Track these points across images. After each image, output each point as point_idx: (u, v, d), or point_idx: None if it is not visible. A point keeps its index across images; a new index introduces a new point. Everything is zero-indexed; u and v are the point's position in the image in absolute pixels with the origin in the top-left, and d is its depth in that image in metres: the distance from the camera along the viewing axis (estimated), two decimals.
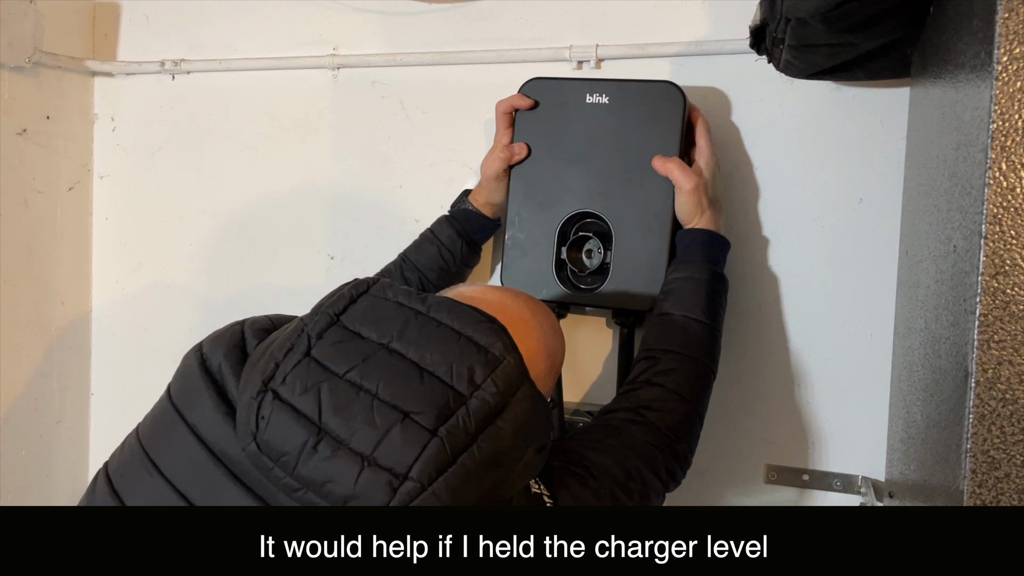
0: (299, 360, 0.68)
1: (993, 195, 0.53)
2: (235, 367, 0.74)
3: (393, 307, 0.72)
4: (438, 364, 0.67)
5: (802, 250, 1.09)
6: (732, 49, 1.09)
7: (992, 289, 0.54)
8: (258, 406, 0.67)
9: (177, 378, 0.78)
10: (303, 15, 1.31)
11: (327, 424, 0.65)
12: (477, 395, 0.66)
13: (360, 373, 0.67)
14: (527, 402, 0.68)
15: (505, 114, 1.09)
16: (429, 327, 0.69)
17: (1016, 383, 0.54)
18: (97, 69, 1.40)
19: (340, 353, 0.68)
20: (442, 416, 0.65)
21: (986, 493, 0.54)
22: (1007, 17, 0.54)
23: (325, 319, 0.71)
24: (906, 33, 0.88)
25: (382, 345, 0.69)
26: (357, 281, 0.75)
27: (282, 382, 0.67)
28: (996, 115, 0.53)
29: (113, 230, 1.43)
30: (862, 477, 1.07)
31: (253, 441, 0.67)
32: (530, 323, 0.80)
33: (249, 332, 0.78)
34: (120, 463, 0.78)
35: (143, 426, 0.79)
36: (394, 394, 0.66)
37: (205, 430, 0.73)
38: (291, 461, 0.65)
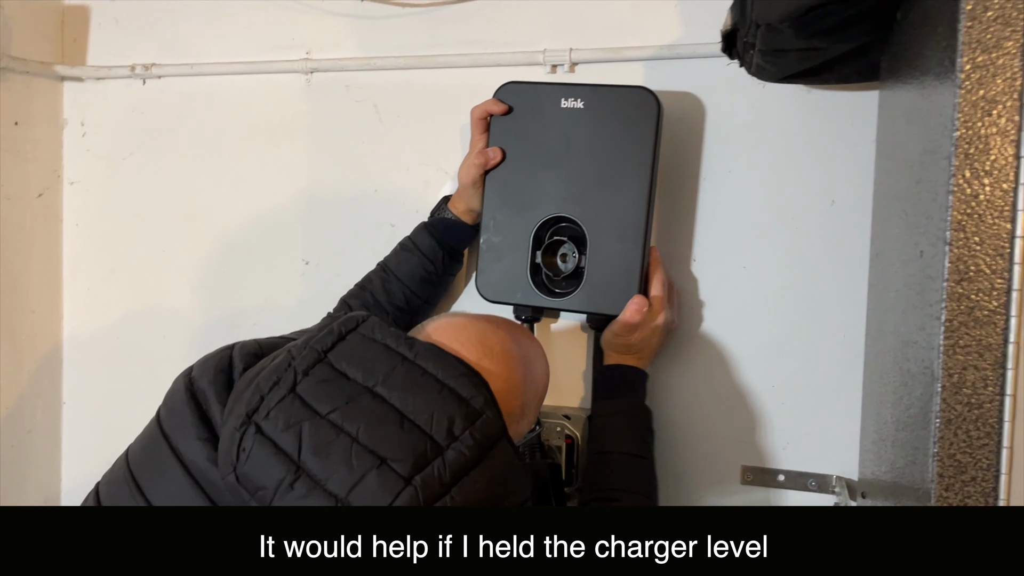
0: (284, 396, 0.70)
1: (957, 202, 0.54)
2: (219, 392, 0.75)
3: (381, 349, 0.73)
4: (419, 412, 0.68)
5: (775, 251, 1.10)
6: (705, 53, 1.09)
7: (957, 295, 0.54)
8: (240, 438, 0.68)
9: (166, 401, 0.80)
10: (276, 19, 1.30)
11: (305, 463, 0.66)
12: (454, 447, 0.67)
13: (342, 415, 0.68)
14: (504, 457, 0.70)
15: (480, 119, 1.09)
16: (414, 374, 0.71)
17: (981, 387, 0.54)
18: (66, 74, 1.38)
19: (324, 392, 0.70)
20: (418, 465, 0.66)
21: (953, 496, 0.55)
22: (970, 26, 0.54)
23: (312, 355, 0.72)
24: (875, 38, 0.89)
25: (367, 388, 0.70)
26: (347, 317, 0.76)
27: (265, 416, 0.69)
28: (960, 123, 0.54)
29: (84, 236, 1.41)
30: (836, 477, 1.07)
31: (233, 472, 0.68)
32: (513, 353, 0.81)
33: (237, 357, 0.79)
34: (111, 484, 0.79)
35: (133, 448, 0.80)
36: (373, 439, 0.67)
37: (187, 456, 0.74)
38: (268, 496, 0.66)
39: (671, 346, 1.13)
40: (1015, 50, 0.53)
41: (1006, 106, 0.54)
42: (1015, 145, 0.53)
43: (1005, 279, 0.54)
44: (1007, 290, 0.54)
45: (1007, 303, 0.54)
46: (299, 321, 1.14)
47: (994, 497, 0.54)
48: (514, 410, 0.79)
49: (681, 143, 1.12)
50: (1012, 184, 0.53)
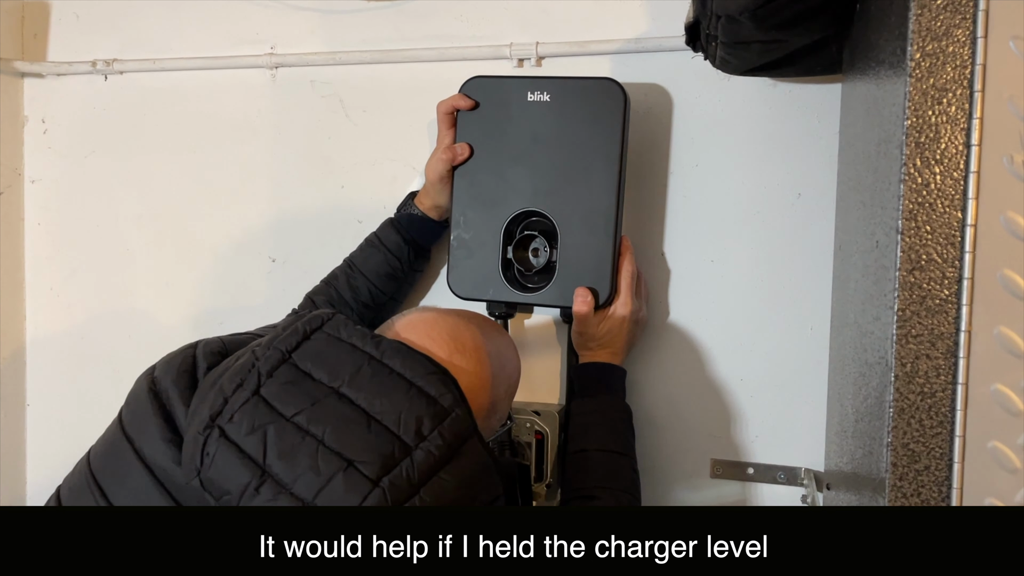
0: (248, 398, 0.68)
1: (908, 191, 0.54)
2: (183, 393, 0.74)
3: (347, 349, 0.71)
4: (387, 413, 0.67)
5: (742, 245, 1.10)
6: (671, 46, 1.09)
7: (909, 284, 0.54)
8: (204, 442, 0.67)
9: (128, 403, 0.78)
10: (239, 13, 1.28)
11: (271, 467, 0.65)
12: (423, 446, 0.66)
13: (308, 417, 0.67)
14: (473, 455, 0.69)
15: (446, 114, 1.08)
16: (381, 374, 0.69)
17: (934, 376, 0.54)
18: (26, 70, 1.35)
19: (289, 394, 0.68)
20: (386, 466, 0.65)
21: (907, 486, 0.55)
22: (919, 14, 0.54)
23: (276, 356, 0.71)
24: (835, 30, 0.89)
25: (332, 389, 0.69)
26: (312, 315, 0.75)
27: (229, 419, 0.67)
28: (910, 111, 0.54)
29: (46, 236, 1.38)
30: (804, 469, 1.08)
31: (197, 476, 0.67)
32: (484, 348, 0.80)
33: (201, 356, 0.78)
34: (72, 488, 0.78)
35: (94, 451, 0.79)
36: (340, 441, 0.66)
37: (150, 457, 0.73)
38: (233, 501, 0.66)
39: (639, 340, 1.13)
40: (964, 38, 0.53)
41: (956, 94, 0.54)
42: (965, 133, 0.53)
43: (956, 268, 0.54)
44: (958, 279, 0.54)
45: (958, 292, 0.54)
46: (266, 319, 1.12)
47: (947, 486, 0.54)
48: (484, 406, 0.79)
49: (648, 136, 1.12)
50: (962, 172, 0.53)
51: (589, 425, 1.03)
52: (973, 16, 0.53)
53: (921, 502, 0.55)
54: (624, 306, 1.04)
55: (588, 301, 1.02)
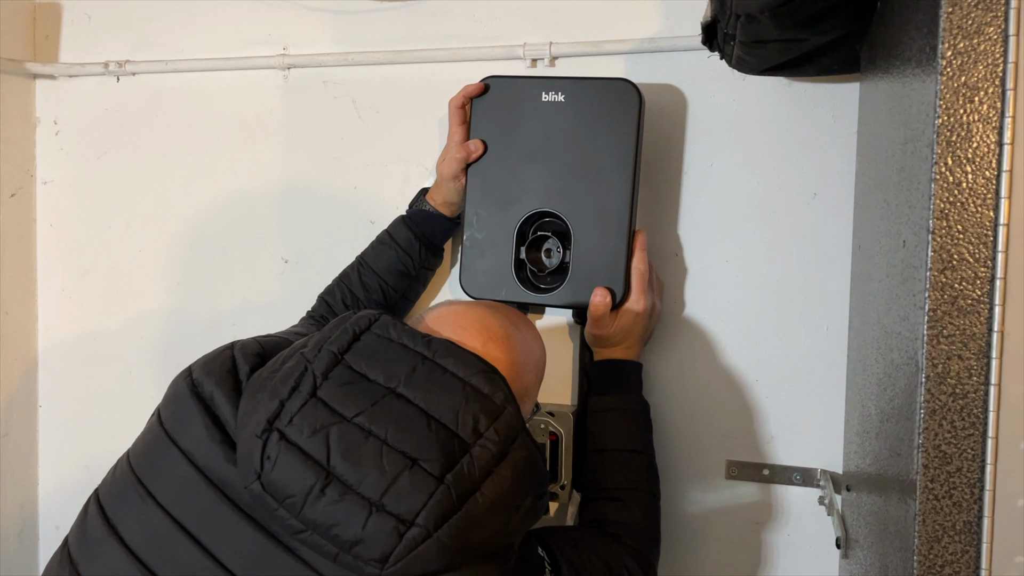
0: (306, 400, 0.69)
1: (939, 190, 0.53)
2: (230, 394, 0.75)
3: (398, 349, 0.73)
4: (445, 412, 0.68)
5: (758, 244, 1.10)
6: (686, 46, 1.09)
7: (940, 284, 0.54)
8: (263, 445, 0.67)
9: (168, 404, 0.78)
10: (252, 14, 1.28)
11: (335, 468, 0.66)
12: (480, 443, 0.68)
13: (369, 417, 0.68)
14: (524, 450, 0.70)
15: (458, 109, 1.08)
16: (435, 373, 0.71)
17: (966, 377, 0.54)
18: (38, 72, 1.35)
19: (348, 395, 0.69)
20: (448, 464, 0.66)
21: (938, 488, 0.54)
22: (951, 11, 0.54)
23: (329, 357, 0.72)
24: (854, 28, 0.89)
25: (390, 389, 0.70)
26: (359, 316, 0.76)
27: (289, 422, 0.68)
28: (941, 110, 0.54)
29: (58, 237, 1.38)
30: (821, 470, 1.07)
31: (257, 480, 0.67)
32: (513, 336, 0.82)
33: (240, 358, 0.78)
34: (111, 489, 0.77)
35: (134, 452, 0.78)
36: (402, 440, 0.67)
37: (199, 456, 0.73)
38: (298, 503, 0.66)
39: (655, 340, 1.12)
40: (996, 36, 0.53)
41: (988, 93, 0.53)
42: (997, 132, 0.53)
43: (988, 267, 0.53)
44: (991, 279, 0.53)
45: (991, 292, 0.53)
46: (279, 320, 1.12)
47: (980, 488, 0.54)
48: (519, 392, 0.79)
49: (663, 136, 1.12)
50: (995, 171, 0.53)
51: (607, 423, 1.03)
52: (1005, 14, 0.52)
53: (953, 504, 0.54)
54: (637, 303, 1.03)
55: (607, 301, 1.02)
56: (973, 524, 0.54)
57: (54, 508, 1.40)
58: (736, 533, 1.12)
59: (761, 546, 1.11)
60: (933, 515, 0.54)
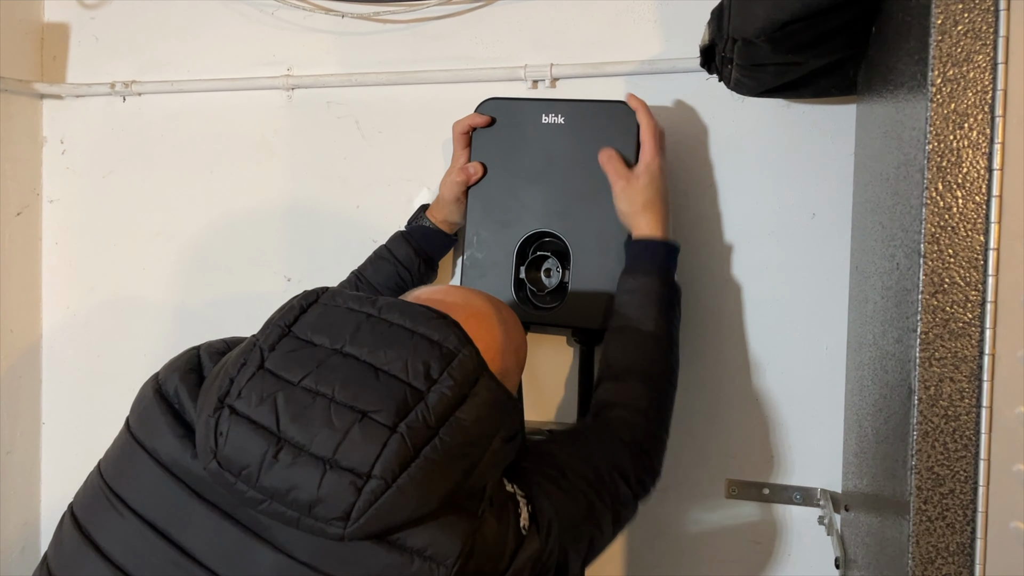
0: (253, 373, 0.69)
1: (930, 215, 0.54)
2: (192, 390, 0.74)
3: (343, 312, 0.72)
4: (393, 362, 0.67)
5: (758, 264, 1.10)
6: (685, 68, 1.10)
7: (932, 307, 0.54)
8: (216, 423, 0.67)
9: (134, 408, 0.78)
10: (256, 35, 1.30)
11: (286, 432, 0.65)
12: (435, 389, 0.66)
13: (315, 379, 0.67)
14: (487, 392, 0.69)
15: (462, 134, 1.09)
16: (381, 327, 0.70)
17: (958, 399, 0.54)
18: (46, 92, 1.37)
19: (293, 362, 0.69)
20: (401, 412, 0.65)
21: (931, 509, 0.55)
22: (940, 40, 0.55)
23: (277, 331, 0.72)
24: (851, 52, 0.90)
25: (335, 350, 0.69)
26: (306, 292, 0.76)
27: (238, 396, 0.68)
28: (932, 136, 0.54)
29: (63, 255, 1.40)
30: (820, 490, 1.07)
31: (214, 459, 0.67)
32: (493, 316, 0.81)
33: (205, 356, 0.79)
34: (84, 501, 0.77)
35: (104, 461, 0.78)
36: (351, 395, 0.66)
37: (165, 455, 0.73)
38: (253, 473, 0.65)
39: None
40: (985, 64, 0.54)
41: (977, 119, 0.54)
42: (987, 158, 0.54)
43: (979, 291, 0.54)
44: (981, 302, 0.54)
45: (982, 315, 0.54)
46: None
47: (972, 510, 0.54)
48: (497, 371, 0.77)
49: None
50: (984, 196, 0.54)
51: (633, 303, 0.98)
52: (994, 42, 0.53)
53: (946, 525, 0.55)
54: (653, 157, 1.00)
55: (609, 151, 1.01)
56: (966, 546, 0.54)
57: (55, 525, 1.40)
58: (736, 552, 1.12)
59: (761, 566, 1.11)
60: (927, 536, 0.55)
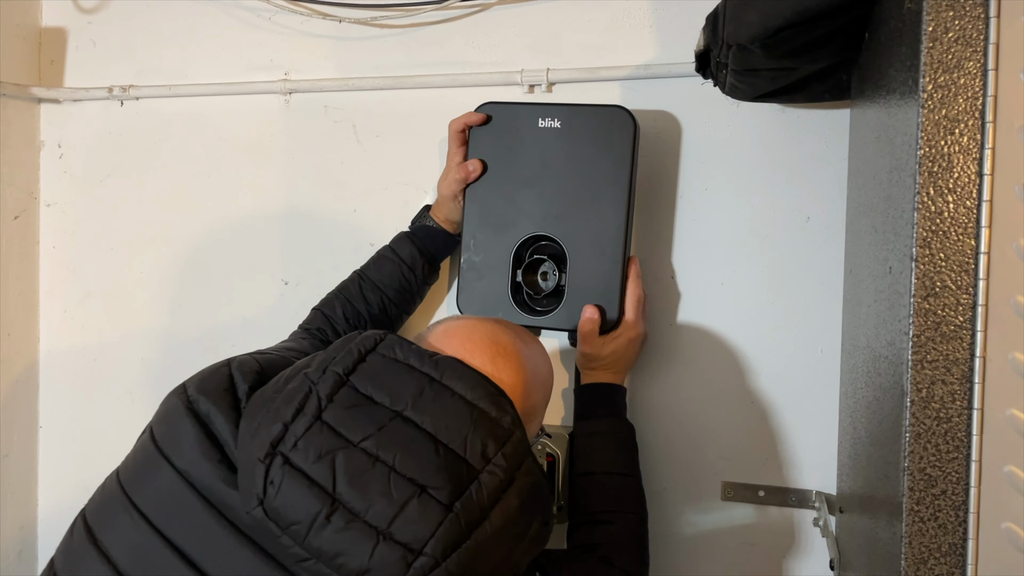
0: (311, 424, 0.67)
1: (922, 219, 0.55)
2: (227, 412, 0.73)
3: (405, 370, 0.71)
4: (453, 437, 0.67)
5: (752, 267, 1.11)
6: (680, 72, 1.11)
7: (924, 310, 0.55)
8: (267, 469, 0.66)
9: (161, 421, 0.77)
10: (254, 40, 1.30)
11: (342, 495, 0.65)
12: (489, 469, 0.67)
13: (376, 442, 0.66)
14: (530, 476, 0.69)
15: (458, 132, 1.10)
16: (443, 396, 0.69)
17: (949, 402, 0.55)
18: (43, 96, 1.37)
19: (354, 419, 0.68)
20: (457, 491, 0.65)
21: (924, 510, 0.55)
22: (931, 47, 0.55)
23: (333, 378, 0.70)
24: (844, 57, 0.91)
25: (396, 412, 0.68)
26: (364, 336, 0.74)
27: (293, 446, 0.66)
28: (923, 141, 0.55)
29: (61, 259, 1.40)
30: (815, 492, 1.08)
31: (260, 506, 0.66)
32: (523, 353, 0.81)
33: (238, 374, 0.77)
34: (98, 506, 0.77)
35: (124, 468, 0.78)
36: (410, 467, 0.65)
37: (195, 475, 0.72)
38: (302, 531, 0.64)
39: (651, 362, 1.13)
40: (975, 70, 0.55)
41: (968, 125, 0.55)
42: (977, 163, 0.54)
43: (970, 294, 0.55)
44: (972, 305, 0.54)
45: (973, 318, 0.55)
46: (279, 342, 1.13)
47: (964, 511, 0.55)
48: (527, 410, 0.79)
49: (658, 161, 1.13)
50: (975, 201, 0.54)
51: (593, 447, 1.03)
52: (984, 49, 0.54)
53: (938, 526, 0.55)
54: (632, 329, 1.05)
55: (594, 318, 1.03)
56: (958, 546, 0.55)
57: (54, 529, 1.40)
58: (732, 555, 1.12)
59: (757, 568, 1.11)
60: (919, 537, 0.55)
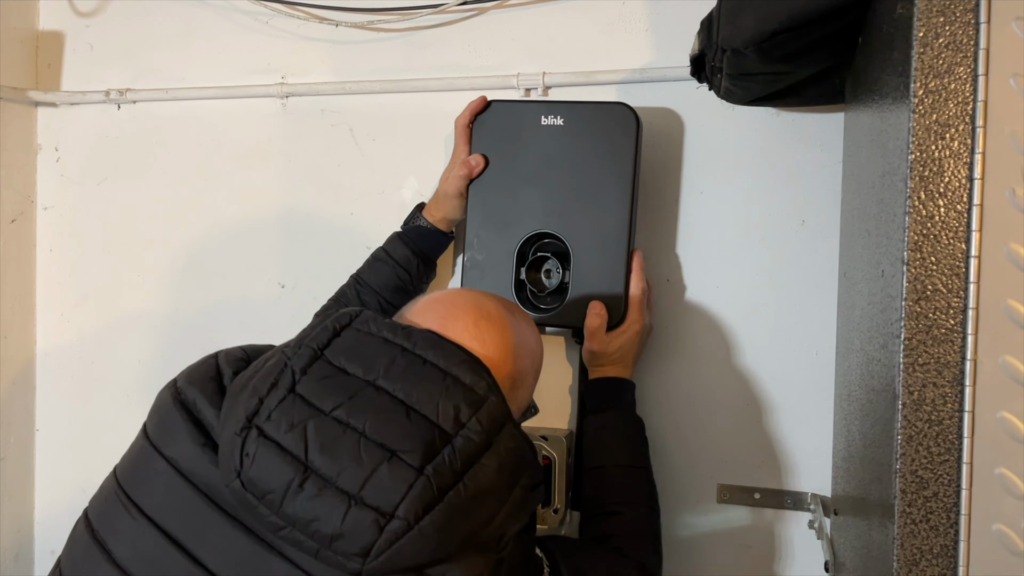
0: (284, 396, 0.68)
1: (913, 223, 0.55)
2: (212, 398, 0.74)
3: (378, 342, 0.72)
4: (424, 403, 0.68)
5: (748, 270, 1.11)
6: (676, 76, 1.11)
7: (915, 314, 0.55)
8: (242, 442, 0.67)
9: (152, 415, 0.78)
10: (251, 43, 1.30)
11: (313, 462, 0.65)
12: (462, 434, 0.67)
13: (347, 410, 0.67)
14: (511, 440, 0.69)
15: (465, 127, 1.10)
16: (415, 365, 0.70)
17: (941, 404, 0.55)
18: (40, 99, 1.37)
19: (326, 390, 0.68)
20: (428, 454, 0.65)
21: (916, 512, 0.56)
22: (922, 52, 0.56)
23: (308, 353, 0.71)
24: (837, 62, 0.91)
25: (368, 382, 0.69)
26: (340, 313, 0.75)
27: (267, 418, 0.67)
28: (914, 146, 0.56)
29: (58, 262, 1.40)
30: (811, 494, 1.08)
31: (237, 478, 0.67)
32: (507, 319, 0.80)
33: (224, 363, 0.78)
34: (99, 506, 0.77)
35: (120, 466, 0.78)
36: (381, 432, 0.66)
37: (184, 462, 0.73)
38: (276, 499, 0.65)
39: (647, 364, 1.14)
40: (966, 75, 0.55)
41: (958, 130, 0.55)
42: (968, 167, 0.55)
43: (961, 298, 0.55)
44: (963, 308, 0.55)
45: (964, 321, 0.55)
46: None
47: (956, 512, 0.55)
48: (512, 374, 0.78)
49: (654, 163, 1.14)
50: (966, 205, 0.55)
51: (605, 440, 1.03)
52: (974, 54, 0.55)
53: (930, 528, 0.56)
54: (636, 322, 1.05)
55: (602, 314, 1.04)
56: (950, 548, 0.55)
57: (50, 532, 1.40)
58: (727, 557, 1.12)
59: (752, 570, 1.11)
60: (911, 539, 0.56)
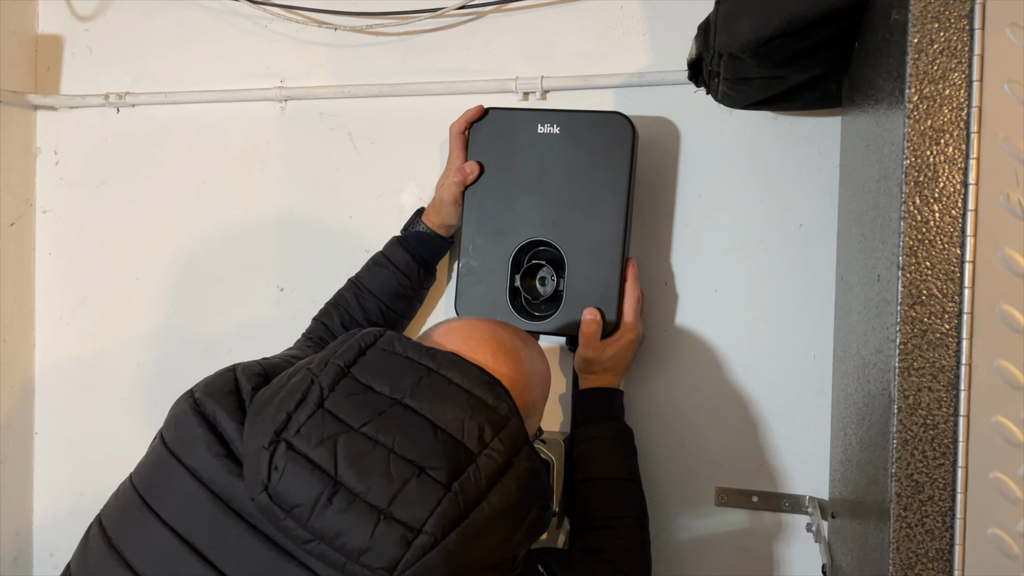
0: (313, 411, 0.70)
1: (908, 228, 0.56)
2: (232, 412, 0.75)
3: (403, 362, 0.74)
4: (450, 422, 0.69)
5: (745, 274, 1.12)
6: (673, 80, 1.11)
7: (911, 318, 0.56)
8: (271, 456, 0.68)
9: (170, 424, 0.79)
10: (249, 47, 1.31)
11: (343, 477, 0.67)
12: (486, 452, 0.69)
13: (376, 427, 0.69)
14: (528, 461, 0.71)
15: (459, 134, 1.11)
16: (440, 385, 0.72)
17: (936, 408, 0.56)
18: (39, 103, 1.38)
19: (354, 406, 0.70)
20: (455, 471, 0.67)
21: (911, 516, 0.56)
22: (917, 58, 0.56)
23: (335, 370, 0.73)
24: (833, 67, 0.91)
25: (395, 400, 0.71)
26: (364, 332, 0.77)
27: (296, 432, 0.69)
28: (909, 151, 0.56)
29: (56, 265, 1.40)
30: (808, 497, 1.08)
31: (264, 491, 0.68)
32: (522, 351, 0.83)
33: (242, 377, 0.79)
34: (114, 513, 0.78)
35: (137, 474, 0.79)
36: (409, 449, 0.68)
37: (203, 471, 0.74)
38: (304, 513, 0.66)
39: (645, 368, 1.14)
40: (961, 81, 0.55)
41: (953, 135, 0.55)
42: (962, 173, 0.55)
43: (956, 302, 0.55)
44: (958, 313, 0.55)
45: (959, 326, 0.55)
46: (274, 347, 1.14)
47: (951, 516, 0.55)
48: (525, 406, 0.80)
49: (651, 168, 1.14)
50: (960, 210, 0.55)
51: (594, 452, 1.04)
52: (969, 60, 0.55)
53: (925, 532, 0.56)
54: (631, 331, 1.06)
55: (598, 320, 1.04)
56: (945, 552, 0.56)
57: (49, 535, 1.40)
58: (725, 560, 1.13)
59: (750, 573, 1.12)
60: (906, 543, 0.56)
